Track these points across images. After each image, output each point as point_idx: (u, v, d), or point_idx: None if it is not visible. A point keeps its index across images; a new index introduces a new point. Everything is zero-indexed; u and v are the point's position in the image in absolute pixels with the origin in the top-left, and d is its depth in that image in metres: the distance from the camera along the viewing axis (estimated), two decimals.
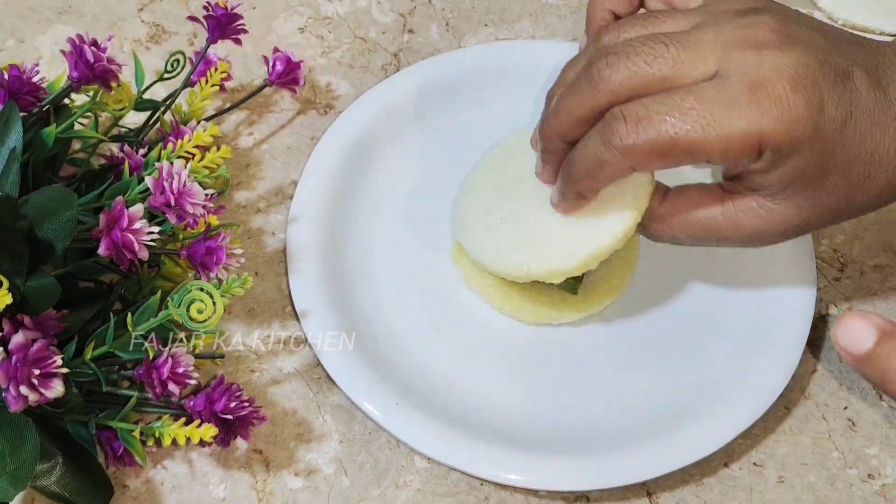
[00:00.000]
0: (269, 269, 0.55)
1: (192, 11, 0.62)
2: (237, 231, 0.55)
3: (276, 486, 0.49)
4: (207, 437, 0.44)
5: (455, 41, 0.64)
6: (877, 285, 0.56)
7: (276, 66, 0.57)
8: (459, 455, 0.48)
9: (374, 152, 0.58)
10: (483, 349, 0.53)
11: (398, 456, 0.50)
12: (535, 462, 0.48)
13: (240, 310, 0.54)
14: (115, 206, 0.44)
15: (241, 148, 0.59)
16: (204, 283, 0.43)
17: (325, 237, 0.55)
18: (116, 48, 0.61)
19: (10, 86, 0.48)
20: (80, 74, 0.48)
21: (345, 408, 0.51)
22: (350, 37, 0.63)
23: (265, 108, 0.60)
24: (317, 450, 0.50)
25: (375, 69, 0.62)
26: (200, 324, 0.43)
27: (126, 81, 0.52)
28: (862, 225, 0.58)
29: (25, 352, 0.40)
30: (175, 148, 0.49)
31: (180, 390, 0.44)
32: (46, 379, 0.41)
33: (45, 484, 0.45)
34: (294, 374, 0.52)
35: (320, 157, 0.57)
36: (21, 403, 0.40)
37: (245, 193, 0.57)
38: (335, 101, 0.61)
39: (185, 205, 0.45)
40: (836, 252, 0.57)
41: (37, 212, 0.44)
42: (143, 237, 0.44)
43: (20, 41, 0.62)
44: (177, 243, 0.49)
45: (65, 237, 0.44)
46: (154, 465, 0.49)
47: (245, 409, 0.46)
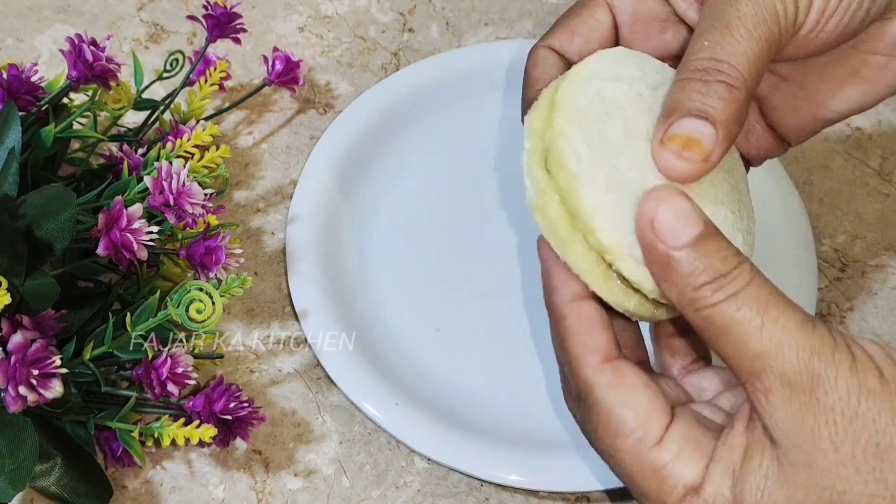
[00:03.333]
0: (269, 269, 0.55)
1: (192, 11, 0.62)
2: (236, 231, 0.55)
3: (275, 487, 0.49)
4: (206, 437, 0.44)
5: (455, 40, 0.64)
6: (878, 285, 0.56)
7: (276, 66, 0.57)
8: (460, 455, 0.48)
9: (374, 152, 0.58)
10: (483, 349, 0.53)
11: (398, 456, 0.50)
12: (536, 462, 0.48)
13: (239, 310, 0.53)
14: (114, 206, 0.44)
15: (241, 147, 0.59)
16: (203, 283, 0.43)
17: (324, 237, 0.54)
18: (115, 47, 0.61)
19: (9, 85, 0.48)
20: (79, 74, 0.48)
21: (344, 408, 0.51)
22: (350, 36, 0.63)
23: (264, 107, 0.60)
24: (316, 450, 0.50)
25: (375, 68, 0.62)
26: (200, 324, 0.43)
27: (125, 81, 0.52)
28: (863, 225, 0.58)
29: (24, 352, 0.40)
30: (174, 147, 0.49)
31: (179, 391, 0.44)
32: (45, 379, 0.41)
33: (44, 484, 0.45)
34: (293, 374, 0.52)
35: (320, 156, 0.57)
36: (20, 404, 0.40)
37: (244, 193, 0.57)
38: (335, 101, 0.61)
39: (185, 204, 0.45)
40: (838, 252, 0.57)
41: (36, 211, 0.44)
42: (142, 237, 0.44)
43: (19, 40, 0.62)
44: (176, 243, 0.49)
45: (64, 237, 0.44)
46: (153, 466, 0.49)
47: (244, 410, 0.46)
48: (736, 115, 0.35)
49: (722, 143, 0.35)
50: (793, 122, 0.43)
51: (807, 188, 0.59)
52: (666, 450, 0.34)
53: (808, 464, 0.32)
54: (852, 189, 0.59)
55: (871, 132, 0.61)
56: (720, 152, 0.35)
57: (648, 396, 0.35)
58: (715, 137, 0.34)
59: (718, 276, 0.33)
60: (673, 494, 0.34)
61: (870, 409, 0.32)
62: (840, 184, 0.59)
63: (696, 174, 0.35)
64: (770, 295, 0.33)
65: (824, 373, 0.32)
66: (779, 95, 0.42)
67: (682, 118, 0.35)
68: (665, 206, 0.33)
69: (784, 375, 0.32)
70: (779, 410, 0.32)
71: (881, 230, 0.58)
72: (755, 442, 0.33)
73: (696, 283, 0.33)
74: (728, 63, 0.35)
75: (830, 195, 0.59)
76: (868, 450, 0.31)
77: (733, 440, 0.34)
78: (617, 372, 0.35)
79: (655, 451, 0.34)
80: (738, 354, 0.33)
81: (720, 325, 0.33)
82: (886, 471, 0.31)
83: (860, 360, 0.32)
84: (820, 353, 0.32)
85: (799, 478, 0.32)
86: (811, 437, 0.32)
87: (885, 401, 0.32)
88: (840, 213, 0.58)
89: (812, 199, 0.58)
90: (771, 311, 0.32)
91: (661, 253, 0.33)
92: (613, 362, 0.35)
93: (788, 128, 0.43)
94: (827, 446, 0.32)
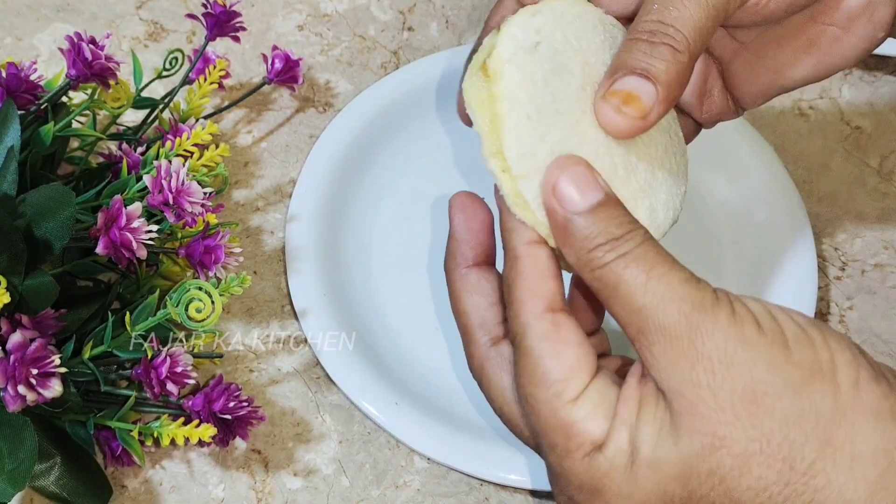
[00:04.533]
0: (268, 269, 0.55)
1: (191, 9, 0.62)
2: (236, 230, 0.55)
3: (274, 487, 0.49)
4: (206, 437, 0.44)
5: (455, 39, 0.64)
6: (878, 284, 0.56)
7: (275, 64, 0.57)
8: (459, 455, 0.48)
9: (374, 151, 0.58)
10: None
11: (398, 456, 0.50)
12: (536, 462, 0.48)
13: (238, 309, 0.53)
14: (113, 205, 0.44)
15: (240, 146, 0.59)
16: (202, 283, 0.43)
17: (324, 236, 0.54)
18: (115, 46, 0.61)
19: (8, 84, 0.48)
20: (78, 72, 0.48)
21: (344, 407, 0.51)
22: (349, 34, 0.63)
23: (264, 106, 0.60)
24: (316, 450, 0.50)
25: (375, 67, 0.62)
26: (199, 323, 0.43)
27: (124, 79, 0.52)
28: (863, 223, 0.58)
29: (23, 351, 0.40)
30: (173, 146, 0.48)
31: (179, 390, 0.44)
32: (44, 378, 0.41)
33: (43, 484, 0.45)
34: (293, 373, 0.52)
35: (319, 155, 0.57)
36: (19, 403, 0.40)
37: (244, 192, 0.57)
38: (334, 100, 0.61)
39: (184, 203, 0.45)
40: (837, 251, 0.57)
41: (35, 210, 0.44)
42: (141, 236, 0.44)
43: (18, 39, 0.62)
44: (175, 242, 0.49)
45: (63, 236, 0.44)
46: (152, 465, 0.49)
47: (244, 409, 0.46)
48: (678, 77, 0.36)
49: (662, 104, 0.36)
50: (751, 87, 0.44)
51: (806, 187, 0.58)
52: (580, 407, 0.35)
53: (691, 411, 0.33)
54: (852, 188, 0.59)
55: (871, 131, 0.61)
56: (659, 112, 0.36)
57: (578, 355, 0.36)
58: (655, 96, 0.36)
59: (611, 239, 0.34)
60: (580, 451, 0.35)
61: (746, 357, 0.33)
62: (840, 183, 0.59)
63: (633, 130, 0.36)
64: (657, 255, 0.35)
65: (703, 324, 0.33)
66: (739, 62, 0.44)
67: (625, 76, 0.36)
68: (567, 173, 0.35)
69: (664, 328, 0.33)
70: (661, 361, 0.34)
71: (881, 229, 0.58)
72: (648, 395, 0.35)
73: (590, 245, 0.35)
74: (674, 27, 0.36)
75: (830, 194, 0.59)
76: (745, 396, 0.33)
77: (628, 394, 0.35)
78: (555, 324, 0.36)
79: (570, 406, 0.35)
80: (626, 312, 0.34)
81: (610, 284, 0.34)
82: (762, 416, 0.33)
83: (739, 313, 0.34)
84: (701, 306, 0.33)
85: (685, 425, 0.33)
86: (692, 385, 0.33)
87: (760, 350, 0.33)
88: (840, 212, 0.58)
89: (812, 197, 0.58)
90: (657, 269, 0.34)
91: (561, 216, 0.35)
92: (556, 314, 0.36)
93: (746, 93, 0.44)
94: (706, 394, 0.33)
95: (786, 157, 0.58)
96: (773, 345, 0.33)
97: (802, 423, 0.33)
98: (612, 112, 0.36)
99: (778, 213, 0.55)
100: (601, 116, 0.36)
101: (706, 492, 0.34)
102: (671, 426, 0.34)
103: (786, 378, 0.33)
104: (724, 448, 0.33)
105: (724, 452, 0.33)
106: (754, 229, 0.56)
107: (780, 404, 0.33)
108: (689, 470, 0.34)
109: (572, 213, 0.35)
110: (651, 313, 0.34)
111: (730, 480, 0.33)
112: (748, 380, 0.33)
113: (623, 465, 0.34)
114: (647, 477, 0.34)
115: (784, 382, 0.33)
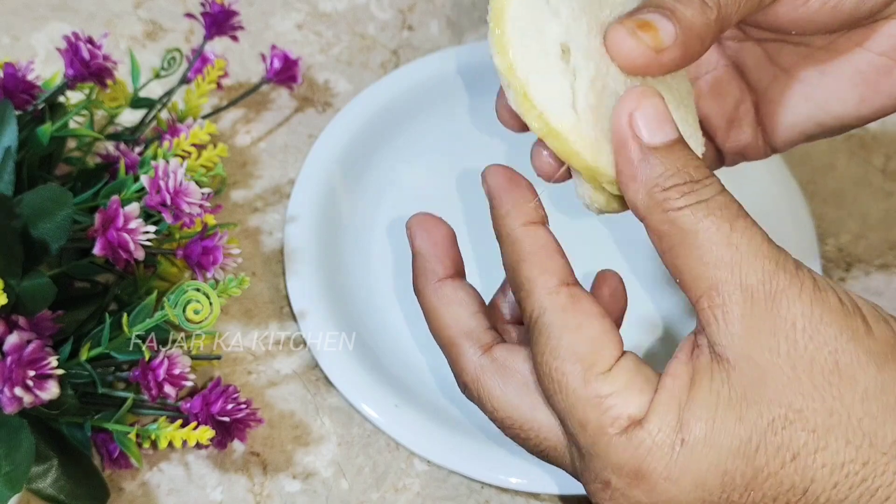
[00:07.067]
0: (267, 269, 0.55)
1: (189, 8, 0.62)
2: (234, 230, 0.55)
3: (273, 489, 0.48)
4: (204, 439, 0.44)
5: (455, 38, 0.63)
6: (883, 285, 0.56)
7: (274, 64, 0.57)
8: (460, 458, 0.48)
9: (373, 150, 0.58)
10: None
11: (397, 459, 0.50)
12: (536, 465, 0.47)
13: (237, 310, 0.53)
14: (110, 206, 0.44)
15: (238, 146, 0.59)
16: (200, 284, 0.43)
17: (323, 237, 0.54)
18: (112, 45, 0.61)
19: (5, 84, 0.48)
20: (75, 72, 0.48)
21: (343, 410, 0.51)
22: (348, 33, 0.63)
23: (262, 105, 0.60)
24: (315, 452, 0.50)
25: (374, 66, 0.62)
26: (197, 324, 0.43)
27: (122, 79, 0.52)
28: (868, 224, 0.58)
29: (20, 353, 0.40)
30: (171, 146, 0.48)
31: (176, 392, 0.44)
32: (41, 380, 0.40)
33: (40, 486, 0.45)
34: (292, 375, 0.52)
35: (318, 155, 0.56)
36: (16, 405, 0.40)
37: (242, 192, 0.57)
38: (333, 99, 0.61)
39: (182, 204, 0.45)
40: (842, 252, 0.57)
41: (32, 211, 0.44)
42: (138, 237, 0.44)
43: (15, 39, 0.61)
44: (173, 243, 0.48)
45: (60, 237, 0.44)
46: (150, 468, 0.49)
47: (242, 411, 0.45)
48: (700, 30, 0.34)
49: (677, 48, 0.34)
50: (784, 118, 0.42)
51: (811, 187, 0.58)
52: (614, 378, 0.33)
53: (762, 381, 0.31)
54: (856, 188, 0.59)
55: (876, 131, 0.61)
56: (672, 56, 0.34)
57: (603, 326, 0.34)
58: (674, 36, 0.34)
59: (690, 181, 0.32)
60: (615, 425, 0.32)
61: (831, 325, 0.31)
62: (844, 183, 0.59)
63: (641, 60, 0.34)
64: (739, 209, 0.33)
65: (788, 287, 0.31)
66: (776, 87, 0.42)
67: (649, 11, 0.34)
68: (648, 102, 0.33)
69: (746, 286, 0.31)
70: (734, 325, 0.32)
71: (886, 230, 0.57)
72: (702, 368, 0.32)
73: (665, 183, 0.32)
74: None
75: (834, 194, 0.58)
76: (827, 367, 0.31)
77: (677, 369, 0.33)
78: (572, 296, 0.34)
79: (602, 378, 0.33)
80: (699, 264, 0.32)
81: (685, 229, 0.32)
82: (844, 388, 0.31)
83: (820, 282, 0.32)
84: (785, 267, 0.32)
85: (752, 396, 0.31)
86: (768, 352, 0.31)
87: (844, 319, 0.31)
88: (844, 213, 0.58)
89: (816, 198, 0.58)
90: (740, 222, 0.32)
91: (636, 148, 0.33)
92: (571, 287, 0.34)
93: (779, 125, 0.42)
94: (783, 362, 0.31)
95: (789, 157, 0.58)
96: (855, 316, 0.32)
97: (885, 397, 0.31)
98: (626, 35, 0.34)
99: (781, 213, 0.55)
100: (612, 40, 0.34)
101: (775, 469, 0.31)
102: (734, 398, 0.31)
103: (870, 350, 0.31)
104: (799, 422, 0.31)
105: (800, 426, 0.31)
106: None
107: (864, 377, 0.31)
108: (757, 445, 0.31)
109: (649, 146, 0.33)
110: (732, 269, 0.31)
111: (804, 457, 0.31)
112: (832, 349, 0.31)
113: (669, 443, 0.32)
114: (704, 455, 0.31)
115: (868, 355, 0.31)
